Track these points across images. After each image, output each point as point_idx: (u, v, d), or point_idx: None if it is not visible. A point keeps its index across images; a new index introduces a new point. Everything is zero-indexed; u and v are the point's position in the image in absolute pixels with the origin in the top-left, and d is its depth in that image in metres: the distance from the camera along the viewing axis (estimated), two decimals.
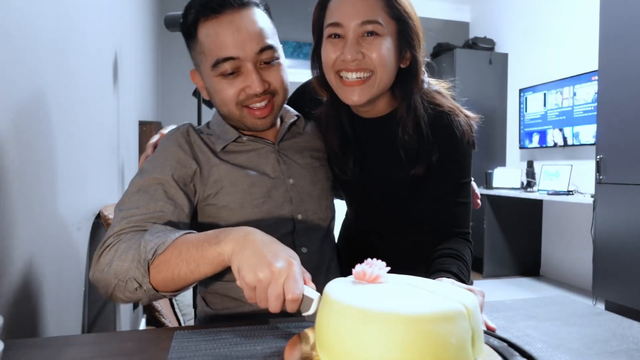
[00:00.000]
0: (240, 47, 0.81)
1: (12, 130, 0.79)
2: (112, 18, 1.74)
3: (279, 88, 0.88)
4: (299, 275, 0.59)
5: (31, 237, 0.88)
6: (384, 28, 0.85)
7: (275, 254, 0.59)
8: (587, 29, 3.36)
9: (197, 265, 0.65)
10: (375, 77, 0.86)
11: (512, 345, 0.57)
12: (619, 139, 2.62)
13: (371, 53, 0.85)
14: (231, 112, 0.87)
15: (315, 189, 0.96)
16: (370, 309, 0.44)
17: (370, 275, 0.52)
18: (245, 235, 0.63)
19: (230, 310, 0.89)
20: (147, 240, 0.69)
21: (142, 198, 0.78)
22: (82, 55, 1.28)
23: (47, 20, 0.98)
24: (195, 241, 0.66)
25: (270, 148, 0.94)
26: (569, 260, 3.61)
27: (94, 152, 1.42)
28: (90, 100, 1.37)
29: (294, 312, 0.59)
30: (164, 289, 0.69)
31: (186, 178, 0.84)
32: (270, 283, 0.57)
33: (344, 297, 0.47)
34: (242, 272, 0.59)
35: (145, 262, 0.67)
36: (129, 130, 2.08)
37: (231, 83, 0.84)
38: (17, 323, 0.80)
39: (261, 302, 0.58)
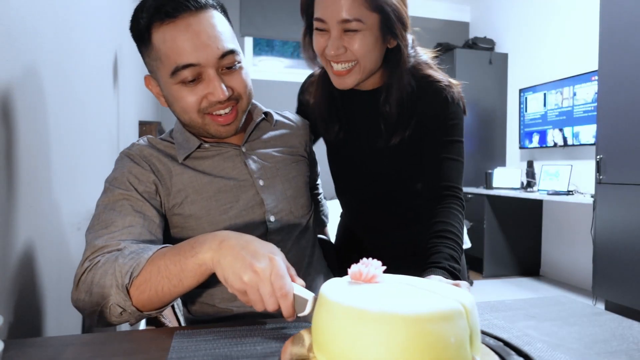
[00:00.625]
0: (200, 52, 0.75)
1: (11, 130, 0.79)
2: (112, 18, 1.74)
3: (243, 93, 0.83)
4: (284, 270, 0.58)
5: (31, 237, 0.88)
6: (363, 24, 0.89)
7: (254, 254, 0.59)
8: (587, 29, 3.36)
9: (180, 280, 0.64)
10: (359, 66, 0.93)
11: (508, 345, 0.57)
12: (619, 139, 2.62)
13: (353, 46, 0.91)
14: (193, 120, 0.82)
15: (289, 186, 0.93)
16: (368, 310, 0.44)
17: (367, 275, 0.52)
18: (220, 243, 0.62)
19: (210, 317, 0.88)
20: (121, 264, 0.67)
21: (110, 216, 0.76)
22: (82, 55, 1.28)
23: (47, 20, 0.98)
24: (171, 256, 0.65)
25: (235, 151, 0.90)
26: (569, 260, 3.61)
27: (94, 152, 1.42)
28: (90, 100, 1.37)
29: (290, 315, 0.58)
30: (150, 308, 0.67)
31: (149, 192, 0.82)
32: (258, 284, 0.57)
33: (341, 298, 0.47)
34: (229, 280, 0.59)
35: (124, 286, 0.65)
36: (129, 130, 2.08)
37: (192, 90, 0.79)
38: (17, 323, 0.80)
39: (257, 304, 0.58)
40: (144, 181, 0.82)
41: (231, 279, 0.58)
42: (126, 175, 0.82)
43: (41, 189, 0.94)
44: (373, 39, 0.91)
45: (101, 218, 0.76)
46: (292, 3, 3.99)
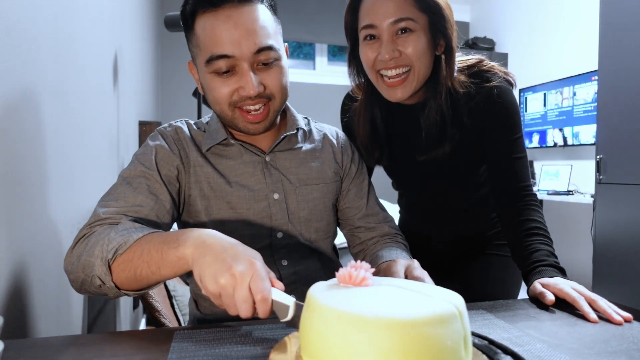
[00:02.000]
0: (236, 45, 0.76)
1: (11, 130, 0.79)
2: (112, 18, 1.74)
3: (276, 92, 0.82)
4: (264, 274, 0.56)
5: (31, 237, 0.88)
6: (416, 23, 0.88)
7: (235, 257, 0.56)
8: (587, 29, 3.36)
9: (158, 268, 0.63)
10: (413, 71, 0.91)
11: (493, 343, 0.57)
12: (619, 139, 2.62)
13: (407, 49, 0.89)
14: (223, 111, 0.82)
15: (303, 208, 0.90)
16: (364, 315, 0.42)
17: (357, 278, 0.50)
18: (204, 241, 0.59)
19: (217, 316, 0.87)
20: (111, 238, 0.67)
21: (124, 190, 0.77)
22: (82, 55, 1.28)
23: (47, 20, 0.98)
24: (157, 242, 0.64)
25: (258, 158, 0.88)
26: (569, 260, 3.61)
27: (94, 151, 1.42)
28: (90, 100, 1.37)
29: (266, 317, 0.56)
30: (128, 288, 0.67)
31: (171, 176, 0.83)
32: (234, 287, 0.54)
33: (335, 303, 0.45)
34: (204, 281, 0.56)
35: (106, 261, 0.66)
36: (129, 130, 2.08)
37: (225, 82, 0.79)
38: (17, 323, 0.80)
39: (230, 309, 0.56)
40: (168, 164, 0.83)
41: (207, 280, 0.56)
42: (153, 153, 0.82)
43: (41, 189, 0.94)
44: (425, 41, 0.90)
45: (116, 190, 0.77)
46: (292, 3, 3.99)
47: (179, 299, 1.41)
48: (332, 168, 0.95)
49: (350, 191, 0.98)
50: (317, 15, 4.04)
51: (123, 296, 0.70)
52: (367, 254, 0.96)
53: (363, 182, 1.00)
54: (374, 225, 0.98)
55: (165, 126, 0.90)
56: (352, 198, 0.98)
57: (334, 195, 0.95)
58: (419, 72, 0.91)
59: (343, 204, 0.98)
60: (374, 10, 0.89)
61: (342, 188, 0.98)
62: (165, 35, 3.53)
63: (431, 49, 0.92)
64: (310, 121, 1.01)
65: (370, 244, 0.97)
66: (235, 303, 0.54)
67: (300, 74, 4.16)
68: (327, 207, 0.94)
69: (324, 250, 0.94)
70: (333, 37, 4.09)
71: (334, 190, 0.95)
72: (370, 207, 0.99)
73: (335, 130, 1.03)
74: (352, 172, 0.99)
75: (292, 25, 4.02)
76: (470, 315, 0.71)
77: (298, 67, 4.29)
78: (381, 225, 0.98)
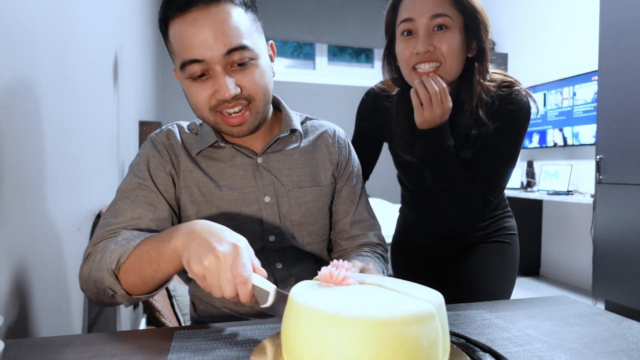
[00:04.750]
0: (205, 48, 0.73)
1: (11, 130, 0.79)
2: (112, 18, 1.74)
3: (255, 93, 0.78)
4: (247, 259, 0.58)
5: (31, 237, 0.88)
6: (452, 21, 0.93)
7: (220, 240, 0.58)
8: (587, 29, 3.36)
9: (159, 265, 0.65)
10: (444, 67, 0.94)
11: (470, 341, 0.57)
12: (618, 139, 2.62)
13: (441, 45, 0.93)
14: (205, 117, 0.80)
15: (296, 211, 0.88)
16: (340, 314, 0.43)
17: (337, 278, 0.50)
18: (193, 229, 0.61)
19: (213, 319, 0.87)
20: (112, 249, 0.70)
21: (122, 206, 0.79)
22: (82, 55, 1.28)
23: (47, 20, 0.98)
24: (154, 242, 0.66)
25: (250, 160, 0.87)
26: (569, 260, 3.61)
27: (94, 152, 1.42)
28: (90, 100, 1.37)
29: (249, 302, 0.58)
30: (138, 292, 0.70)
31: (166, 183, 0.83)
32: (218, 269, 0.56)
33: (311, 302, 0.45)
34: (190, 263, 0.58)
35: (112, 271, 0.69)
36: (129, 130, 2.08)
37: (201, 87, 0.77)
38: (17, 323, 0.80)
39: (214, 290, 0.57)
40: (161, 172, 0.83)
41: (192, 262, 0.58)
42: (145, 163, 0.83)
43: (41, 189, 0.94)
44: (460, 40, 0.94)
45: (115, 206, 0.79)
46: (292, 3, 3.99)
47: (179, 299, 1.41)
48: (327, 169, 0.93)
49: (342, 193, 0.95)
50: (317, 15, 4.04)
51: (138, 302, 0.73)
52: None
53: (356, 185, 0.98)
54: (358, 233, 0.96)
55: (157, 132, 0.89)
56: (342, 200, 0.95)
57: (328, 198, 0.93)
58: (449, 69, 0.95)
59: (333, 205, 0.96)
60: (413, 5, 0.94)
61: (335, 189, 0.96)
62: None
63: (464, 49, 0.96)
64: (308, 119, 0.98)
65: (349, 251, 0.95)
66: (220, 284, 0.56)
67: (300, 74, 4.16)
68: (321, 210, 0.91)
69: (318, 253, 0.92)
70: (333, 37, 4.09)
71: (329, 193, 0.93)
72: (358, 213, 0.96)
73: (334, 128, 0.99)
74: (346, 173, 0.96)
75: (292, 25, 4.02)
76: (470, 315, 0.71)
77: (298, 67, 4.29)
78: (364, 234, 0.96)
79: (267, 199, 0.86)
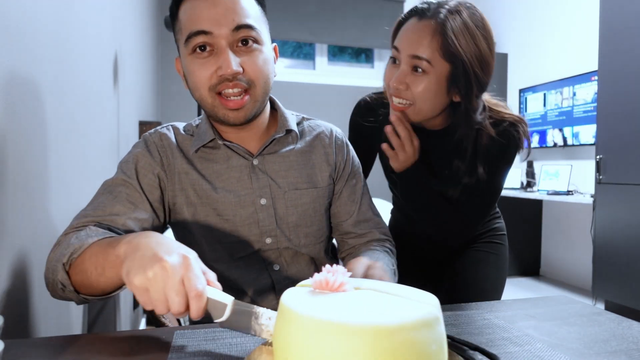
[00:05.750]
0: (214, 21, 0.75)
1: (11, 130, 0.79)
2: (112, 18, 1.74)
3: (256, 77, 0.78)
4: (199, 270, 0.53)
5: (31, 237, 0.88)
6: (431, 66, 0.89)
7: (167, 251, 0.53)
8: (587, 29, 3.36)
9: (103, 269, 0.61)
10: (414, 108, 0.93)
11: (457, 340, 0.57)
12: (618, 139, 2.62)
13: (414, 87, 0.91)
14: (203, 98, 0.79)
15: (292, 213, 0.87)
16: (347, 323, 0.39)
17: (334, 284, 0.47)
18: (139, 239, 0.57)
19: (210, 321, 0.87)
20: (72, 243, 0.68)
21: (104, 200, 0.77)
22: (82, 55, 1.28)
23: (47, 20, 0.98)
24: (104, 244, 0.63)
25: (245, 162, 0.86)
26: (569, 260, 3.61)
27: (94, 151, 1.42)
28: (90, 100, 1.37)
29: (199, 317, 0.52)
30: (85, 292, 0.67)
31: (151, 184, 0.82)
32: (165, 281, 0.50)
33: (313, 311, 0.41)
34: (130, 274, 0.52)
35: (63, 265, 0.66)
36: (129, 130, 2.08)
37: (204, 64, 0.77)
38: (17, 323, 0.80)
39: (158, 305, 0.51)
40: (149, 172, 0.82)
41: (134, 272, 0.51)
42: (134, 161, 0.82)
43: (41, 189, 0.94)
44: (436, 87, 0.91)
45: (97, 199, 0.78)
46: (292, 3, 3.99)
47: None
48: (324, 171, 0.92)
49: (342, 194, 0.94)
50: (317, 15, 4.04)
51: (86, 302, 0.69)
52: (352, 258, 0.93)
53: (356, 184, 0.96)
54: (365, 231, 0.95)
55: (151, 132, 0.88)
56: (344, 202, 0.94)
57: (326, 200, 0.92)
58: (419, 110, 0.93)
59: (334, 207, 0.95)
60: (404, 37, 0.92)
61: (335, 190, 0.94)
62: (165, 35, 3.53)
63: (442, 95, 0.93)
64: (304, 119, 0.97)
65: (358, 247, 0.95)
66: (167, 297, 0.50)
67: (300, 74, 4.16)
68: (318, 212, 0.90)
69: (315, 255, 0.91)
70: (333, 37, 4.09)
71: (326, 194, 0.92)
72: (362, 213, 0.95)
73: (331, 129, 0.98)
74: (345, 174, 0.95)
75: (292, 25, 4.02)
76: (469, 316, 0.71)
77: (298, 67, 4.29)
78: (372, 232, 0.96)
79: (263, 201, 0.85)
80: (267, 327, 0.54)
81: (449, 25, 0.88)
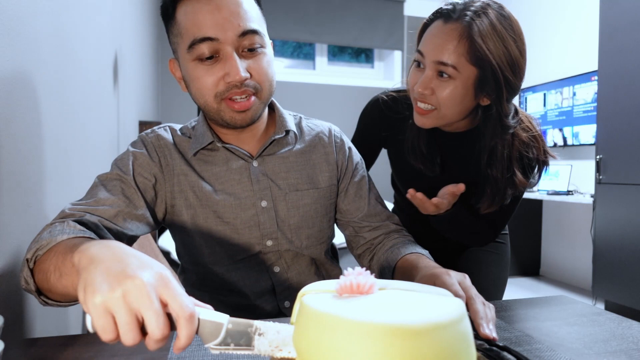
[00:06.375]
0: (219, 27, 0.72)
1: (11, 130, 0.79)
2: (112, 18, 1.73)
3: (262, 81, 0.77)
4: (181, 288, 0.42)
5: (31, 237, 0.87)
6: (458, 72, 0.86)
7: (140, 265, 0.42)
8: (587, 29, 3.36)
9: (60, 275, 0.54)
10: (438, 112, 0.92)
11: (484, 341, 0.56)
12: (618, 139, 2.62)
13: (439, 92, 0.89)
14: (208, 104, 0.77)
15: (294, 215, 0.86)
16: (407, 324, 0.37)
17: (364, 286, 0.44)
18: (99, 249, 0.46)
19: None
20: (42, 238, 0.62)
21: (97, 192, 0.76)
22: (82, 55, 1.28)
23: (47, 20, 0.98)
24: (69, 246, 0.56)
25: (245, 164, 0.85)
26: (569, 260, 3.61)
27: (94, 151, 1.42)
28: (90, 100, 1.37)
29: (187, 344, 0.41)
30: (47, 295, 0.60)
31: (146, 184, 0.80)
32: (139, 301, 0.39)
33: (355, 315, 0.38)
34: (87, 292, 0.40)
35: (26, 260, 0.60)
36: (129, 130, 2.08)
37: (209, 70, 0.74)
38: (17, 323, 0.80)
39: (127, 331, 0.39)
40: (145, 172, 0.80)
41: (92, 289, 0.40)
42: (131, 159, 0.80)
43: (41, 189, 0.94)
44: (463, 92, 0.88)
45: (91, 191, 0.77)
46: (292, 3, 3.99)
47: None
48: (325, 171, 0.91)
49: (349, 192, 0.93)
50: (317, 15, 4.04)
51: (47, 305, 0.62)
52: (376, 253, 0.92)
53: (362, 180, 0.95)
54: (379, 224, 0.94)
55: (148, 132, 0.87)
56: (351, 199, 0.93)
57: (327, 200, 0.91)
58: (444, 115, 0.92)
59: (343, 205, 0.94)
60: (429, 41, 0.89)
61: (339, 189, 0.94)
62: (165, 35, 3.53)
63: (469, 100, 0.91)
64: (302, 119, 0.96)
65: (377, 242, 0.93)
66: (139, 322, 0.40)
67: (300, 74, 4.16)
68: (319, 213, 0.89)
69: (316, 255, 0.91)
70: (333, 37, 4.09)
71: (328, 195, 0.91)
72: (372, 207, 0.94)
73: (329, 128, 0.97)
74: (349, 172, 0.94)
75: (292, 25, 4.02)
76: None
77: (298, 67, 4.29)
78: (386, 223, 0.94)
79: (263, 203, 0.84)
80: (275, 343, 0.47)
81: (476, 29, 0.84)
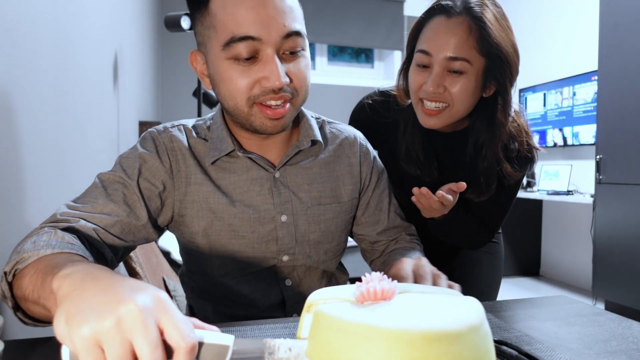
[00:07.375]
0: (264, 25, 0.64)
1: (11, 130, 0.79)
2: (112, 18, 1.74)
3: (300, 87, 0.70)
4: (180, 313, 0.38)
5: None
6: (470, 66, 0.86)
7: (133, 289, 0.38)
8: (587, 29, 3.36)
9: (39, 297, 0.48)
10: (450, 109, 0.90)
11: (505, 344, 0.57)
12: (618, 139, 2.62)
13: (452, 88, 0.87)
14: (238, 108, 0.69)
15: (315, 230, 0.81)
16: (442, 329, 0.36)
17: (388, 292, 0.42)
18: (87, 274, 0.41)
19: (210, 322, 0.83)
20: (24, 249, 0.56)
21: (98, 195, 0.69)
22: (82, 55, 1.28)
23: (47, 20, 0.98)
24: (51, 265, 0.49)
25: (266, 174, 0.78)
26: (569, 260, 3.61)
27: (94, 152, 1.42)
28: (90, 100, 1.37)
29: None
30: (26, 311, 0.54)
31: (152, 191, 0.73)
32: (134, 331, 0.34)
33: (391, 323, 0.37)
34: (75, 320, 0.35)
35: (4, 273, 0.55)
36: (129, 130, 2.08)
37: (245, 71, 0.66)
38: (17, 323, 0.80)
39: None
40: (153, 178, 0.73)
41: (79, 320, 0.34)
42: (138, 162, 0.73)
43: (41, 189, 0.94)
44: (474, 85, 0.88)
45: (91, 193, 0.70)
46: None
47: (179, 299, 1.41)
48: (348, 184, 0.85)
49: (369, 204, 0.89)
50: (317, 15, 4.04)
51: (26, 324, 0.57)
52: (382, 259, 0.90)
53: (383, 192, 0.91)
54: (395, 236, 0.92)
55: (160, 129, 0.78)
56: (372, 212, 0.89)
57: (348, 214, 0.86)
58: (456, 111, 0.91)
59: (363, 218, 0.89)
60: (434, 38, 0.86)
61: (360, 202, 0.89)
62: (165, 35, 3.53)
63: (478, 92, 0.91)
64: (325, 123, 0.89)
65: (388, 251, 0.90)
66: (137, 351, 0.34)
67: None
68: (340, 228, 0.85)
69: (330, 269, 0.87)
70: (333, 37, 4.09)
71: (349, 209, 0.86)
72: (391, 220, 0.90)
73: (354, 135, 0.90)
74: (372, 184, 0.89)
75: None
76: None
77: None
78: (401, 235, 0.92)
79: (283, 217, 0.78)
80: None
81: (486, 19, 0.84)
